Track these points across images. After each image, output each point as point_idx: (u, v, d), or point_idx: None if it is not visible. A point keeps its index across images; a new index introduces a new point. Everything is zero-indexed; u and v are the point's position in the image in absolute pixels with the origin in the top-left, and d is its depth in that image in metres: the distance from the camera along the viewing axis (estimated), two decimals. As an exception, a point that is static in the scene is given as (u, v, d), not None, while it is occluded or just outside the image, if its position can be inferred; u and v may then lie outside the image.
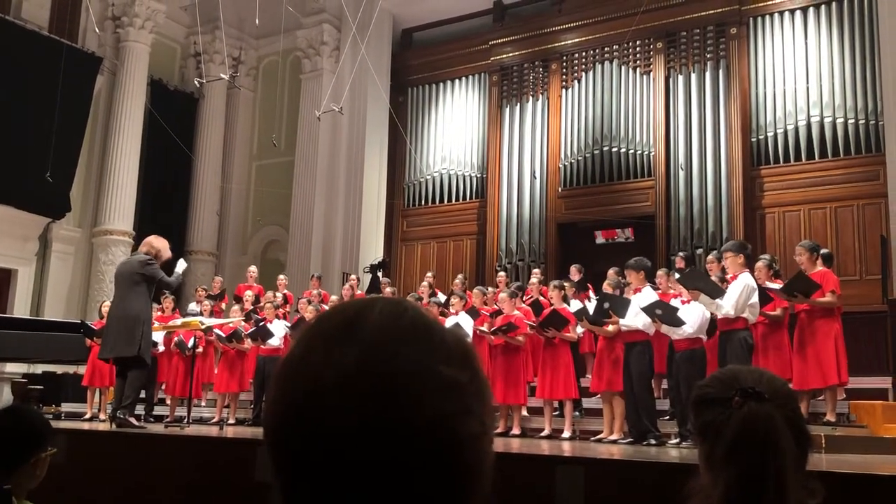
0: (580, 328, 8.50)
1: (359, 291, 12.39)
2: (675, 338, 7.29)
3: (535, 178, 14.33)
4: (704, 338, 7.18)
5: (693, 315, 7.15)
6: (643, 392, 7.38)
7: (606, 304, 7.65)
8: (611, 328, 7.66)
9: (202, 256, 16.49)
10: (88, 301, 14.55)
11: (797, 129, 12.24)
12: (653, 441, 7.12)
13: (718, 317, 6.97)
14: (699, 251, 12.13)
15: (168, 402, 10.62)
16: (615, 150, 13.52)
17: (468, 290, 10.62)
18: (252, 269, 12.89)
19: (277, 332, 10.06)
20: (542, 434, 8.25)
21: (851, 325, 8.71)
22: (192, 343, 9.68)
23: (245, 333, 10.11)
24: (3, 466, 2.32)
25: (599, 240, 13.71)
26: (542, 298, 9.51)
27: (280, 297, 11.58)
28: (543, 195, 14.18)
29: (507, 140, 14.80)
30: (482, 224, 14.92)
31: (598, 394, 8.00)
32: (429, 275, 12.48)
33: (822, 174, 12.01)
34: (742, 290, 6.84)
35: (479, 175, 15.23)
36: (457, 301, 9.60)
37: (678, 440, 6.99)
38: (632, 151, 13.42)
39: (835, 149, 11.96)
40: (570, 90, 14.38)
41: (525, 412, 8.82)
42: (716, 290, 6.95)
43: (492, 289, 10.81)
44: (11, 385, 11.69)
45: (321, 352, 0.71)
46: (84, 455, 5.75)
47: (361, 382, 0.68)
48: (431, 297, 10.73)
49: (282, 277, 12.74)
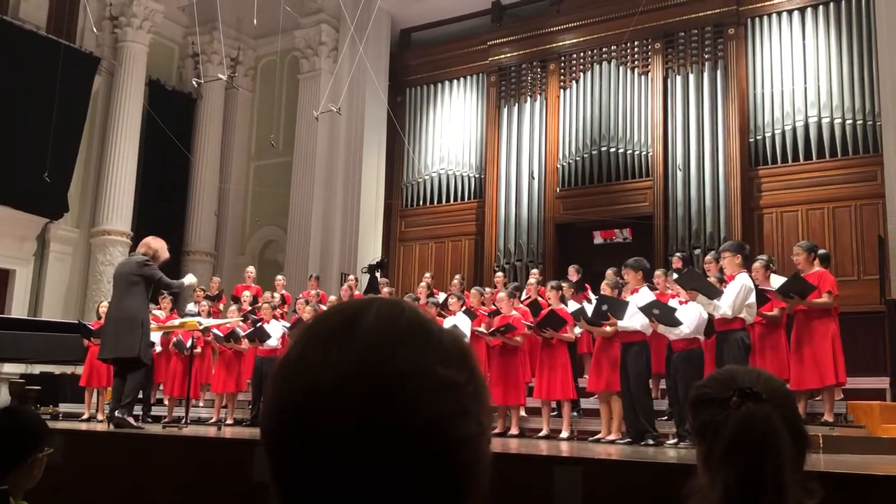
0: (578, 328, 8.50)
1: (357, 292, 12.38)
2: (672, 338, 7.30)
3: (534, 179, 14.33)
4: (702, 338, 7.18)
5: (690, 315, 7.15)
6: (640, 392, 7.38)
7: (604, 307, 7.65)
8: (608, 329, 7.66)
9: (200, 257, 16.48)
10: (86, 301, 14.54)
11: (795, 130, 12.25)
12: (651, 441, 7.12)
13: (716, 317, 6.97)
14: (697, 251, 12.14)
15: (166, 403, 10.62)
16: (613, 151, 13.53)
17: (466, 291, 10.61)
18: (250, 270, 12.89)
19: (275, 333, 10.05)
20: (540, 434, 8.25)
21: (849, 326, 8.72)
22: (191, 343, 9.67)
23: (242, 334, 10.11)
24: (0, 467, 2.31)
25: (597, 240, 13.71)
26: (541, 299, 9.51)
27: (278, 298, 11.57)
28: (541, 195, 14.18)
29: (506, 140, 14.80)
30: (480, 224, 14.93)
31: (596, 394, 8.00)
32: (427, 275, 12.47)
33: (820, 175, 12.02)
34: (739, 291, 6.85)
35: (478, 175, 15.23)
36: (454, 301, 9.60)
37: (676, 440, 6.99)
38: (630, 152, 13.43)
39: (832, 149, 11.97)
40: (569, 90, 14.38)
41: (523, 412, 8.82)
42: (713, 291, 6.95)
43: (489, 289, 10.81)
44: (9, 385, 11.70)
45: (319, 352, 0.71)
46: (82, 455, 5.74)
47: (359, 383, 0.68)
48: (429, 298, 10.73)
49: (280, 278, 12.74)
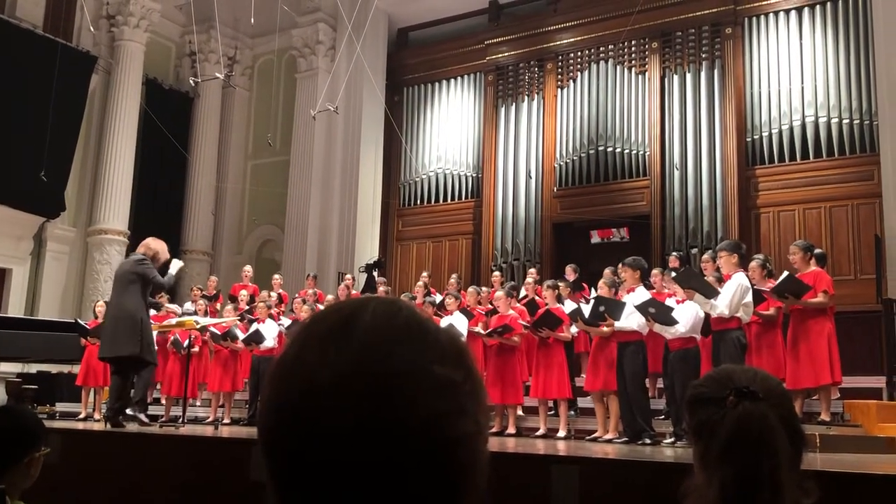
0: (574, 328, 8.51)
1: (354, 291, 12.38)
2: (668, 337, 7.31)
3: (531, 178, 14.33)
4: (698, 337, 7.19)
5: (686, 314, 7.15)
6: (637, 391, 7.39)
7: (602, 307, 7.66)
8: (605, 329, 7.67)
9: (197, 256, 16.47)
10: (83, 300, 14.52)
11: (792, 129, 12.26)
12: (647, 440, 7.13)
13: (713, 316, 6.98)
14: (694, 251, 12.16)
15: (163, 402, 10.61)
16: (610, 150, 13.54)
17: (463, 290, 10.61)
18: (247, 269, 12.88)
19: (270, 333, 10.04)
20: (538, 433, 8.25)
21: (846, 325, 8.74)
22: (188, 343, 9.67)
23: (241, 339, 10.09)
24: (-2, 466, 2.31)
25: (595, 239, 13.72)
26: (538, 298, 9.51)
27: (275, 297, 11.57)
28: (539, 195, 14.19)
29: (503, 140, 14.80)
30: (478, 224, 14.93)
31: (592, 393, 8.00)
32: (424, 274, 12.46)
33: (817, 174, 12.03)
34: (736, 290, 6.85)
35: (475, 175, 15.23)
36: (451, 301, 9.60)
37: (673, 439, 7.00)
38: (627, 151, 13.44)
39: (829, 149, 11.99)
40: (566, 90, 14.39)
41: (520, 412, 8.83)
42: (710, 290, 6.96)
43: (486, 288, 10.81)
44: (6, 384, 11.68)
45: (316, 352, 0.71)
46: (78, 455, 5.74)
47: (356, 382, 0.68)
48: (426, 297, 10.72)
49: (277, 277, 12.73)
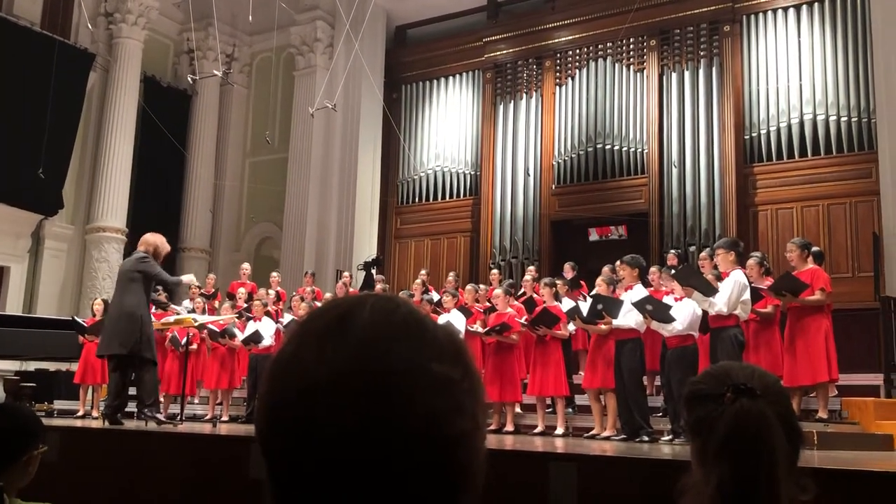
0: (572, 326, 8.52)
1: (352, 289, 12.38)
2: (666, 335, 7.31)
3: (529, 176, 14.33)
4: (696, 335, 7.20)
5: (684, 312, 7.16)
6: (634, 389, 7.40)
7: (599, 306, 7.67)
8: (603, 327, 7.67)
9: (195, 254, 16.45)
10: (81, 298, 14.51)
11: (790, 127, 12.26)
12: (645, 438, 7.14)
13: (711, 314, 6.99)
14: (692, 248, 12.16)
15: (162, 400, 10.59)
16: (609, 148, 13.54)
17: (460, 288, 10.62)
18: (245, 267, 12.86)
19: (268, 331, 10.03)
20: (536, 431, 8.26)
21: (843, 323, 8.74)
22: (186, 340, 9.66)
23: (240, 338, 10.08)
24: (-4, 464, 2.31)
25: (593, 237, 13.72)
26: (536, 296, 9.51)
27: (273, 295, 11.56)
28: (537, 192, 14.19)
29: (501, 137, 14.80)
30: (476, 221, 14.92)
31: (590, 391, 8.01)
32: (423, 272, 12.46)
33: (815, 172, 12.03)
34: (734, 288, 6.86)
35: (473, 172, 15.23)
36: (449, 299, 9.61)
37: (671, 437, 7.01)
38: (625, 149, 13.44)
39: (827, 146, 11.99)
40: (564, 87, 14.38)
41: (518, 409, 8.84)
42: (709, 288, 6.96)
43: (484, 286, 10.82)
44: (4, 382, 11.65)
45: (313, 349, 0.70)
46: (77, 453, 5.74)
47: (354, 380, 0.68)
48: (424, 295, 10.73)
49: (275, 275, 12.71)
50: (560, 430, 8.12)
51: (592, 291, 8.96)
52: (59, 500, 2.43)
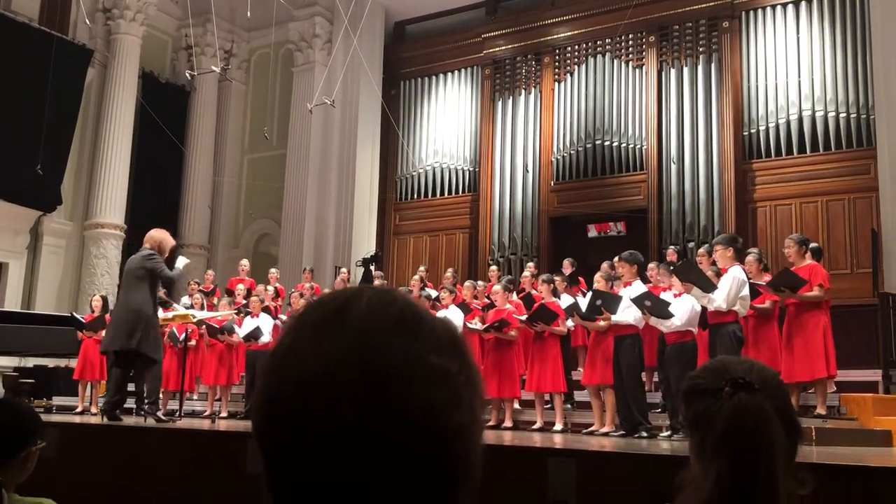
0: (571, 322, 8.52)
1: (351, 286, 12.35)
2: (664, 330, 7.31)
3: (528, 172, 14.33)
4: (695, 330, 7.20)
5: (682, 308, 7.16)
6: (633, 385, 7.40)
7: (598, 301, 7.67)
8: (602, 324, 7.67)
9: (194, 250, 16.42)
10: (80, 294, 14.50)
11: (789, 123, 12.26)
12: (644, 434, 7.14)
13: (710, 310, 6.99)
14: (691, 245, 12.16)
15: (160, 396, 10.58)
16: (607, 144, 13.53)
17: (458, 285, 10.61)
18: (244, 263, 12.85)
19: (265, 327, 10.02)
20: (534, 427, 8.27)
21: (842, 319, 8.75)
22: (184, 336, 9.66)
23: (241, 336, 10.06)
24: (-6, 459, 2.31)
25: (592, 233, 13.72)
26: (535, 292, 9.51)
27: (272, 291, 11.55)
28: (536, 189, 14.18)
29: (500, 133, 14.79)
30: (475, 218, 14.92)
31: (589, 387, 8.01)
32: (421, 269, 12.46)
33: (814, 168, 12.03)
34: (732, 284, 6.86)
35: (472, 169, 15.22)
36: (446, 295, 9.60)
37: (669, 433, 7.01)
38: (624, 145, 13.44)
39: (826, 143, 11.99)
40: (563, 84, 14.37)
41: (517, 405, 8.84)
42: (708, 284, 6.96)
43: (482, 282, 10.81)
44: (2, 378, 11.67)
45: (310, 341, 0.70)
46: (76, 449, 5.74)
47: (351, 372, 0.67)
48: (422, 292, 10.72)
49: (273, 271, 12.70)
50: (559, 427, 8.12)
51: (591, 288, 8.97)
52: (58, 496, 2.43)
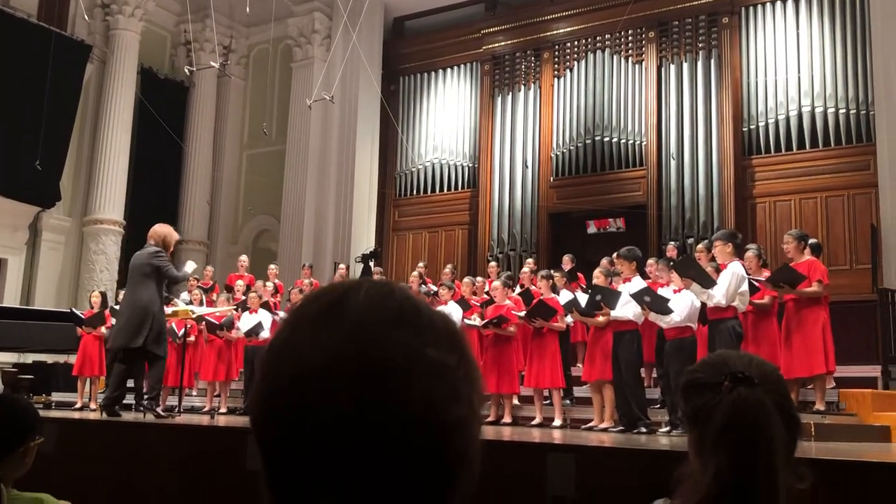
0: (570, 318, 8.52)
1: (350, 281, 12.33)
2: (664, 326, 7.32)
3: (527, 168, 14.32)
4: (694, 326, 7.20)
5: (682, 304, 7.16)
6: (632, 380, 7.41)
7: (598, 297, 7.67)
8: (601, 319, 7.68)
9: (193, 246, 16.41)
10: (79, 290, 14.49)
11: (788, 119, 12.25)
12: (643, 429, 7.15)
13: (709, 305, 6.99)
14: (690, 241, 12.16)
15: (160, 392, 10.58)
16: (607, 140, 13.52)
17: (457, 280, 10.61)
18: (243, 259, 12.84)
19: (264, 323, 10.00)
20: (533, 423, 8.27)
21: (841, 315, 8.75)
22: (183, 332, 9.65)
23: (243, 331, 10.04)
24: (-8, 455, 2.31)
25: (591, 229, 13.72)
26: (534, 288, 9.51)
27: (270, 287, 11.55)
28: (535, 185, 14.18)
29: (499, 129, 14.78)
30: (474, 214, 14.91)
31: (588, 383, 8.02)
32: (420, 265, 12.46)
33: (813, 164, 12.03)
34: (732, 279, 6.86)
35: (471, 164, 15.21)
36: (445, 291, 9.59)
37: (668, 428, 7.02)
38: (623, 141, 13.43)
39: (826, 138, 11.98)
40: (562, 79, 14.36)
41: (516, 401, 8.84)
42: (707, 280, 6.96)
43: (481, 278, 10.81)
44: (1, 374, 11.65)
45: (307, 334, 0.69)
46: (74, 444, 5.74)
47: (349, 365, 0.67)
48: (421, 287, 10.72)
49: (273, 267, 12.70)
50: (558, 422, 8.13)
51: (590, 284, 8.97)
52: (56, 492, 2.43)
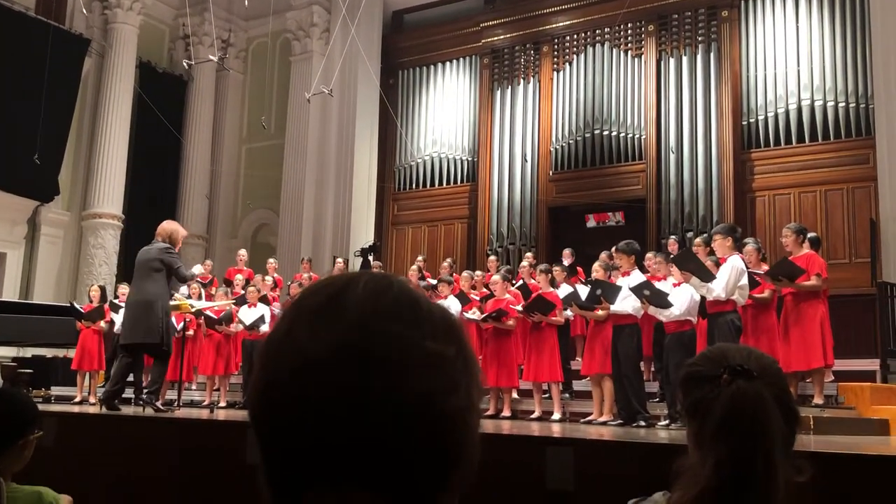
0: (569, 312, 8.52)
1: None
2: (663, 320, 7.32)
3: (527, 162, 14.31)
4: (694, 320, 7.20)
5: (681, 297, 7.16)
6: (631, 374, 7.41)
7: (599, 291, 7.67)
8: (601, 313, 7.68)
9: (192, 240, 16.36)
10: (78, 284, 14.49)
11: (788, 113, 12.25)
12: (642, 423, 7.15)
13: (708, 299, 6.99)
14: (689, 234, 12.16)
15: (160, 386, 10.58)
16: (606, 134, 13.51)
17: (456, 274, 10.60)
18: (242, 253, 12.82)
19: (265, 316, 9.99)
20: (532, 416, 8.28)
21: (841, 308, 8.77)
22: (182, 326, 9.65)
23: (246, 324, 10.03)
24: (-8, 448, 2.31)
25: (590, 223, 13.72)
26: (532, 282, 9.51)
27: (270, 281, 11.54)
28: (534, 178, 14.17)
29: (499, 123, 14.77)
30: (473, 208, 14.91)
31: (588, 376, 8.03)
32: (419, 258, 12.46)
33: (813, 157, 12.03)
34: (731, 273, 6.86)
35: (470, 158, 15.20)
36: (444, 286, 9.59)
37: (667, 422, 7.03)
38: (623, 135, 13.42)
39: (825, 132, 11.98)
40: (562, 73, 14.34)
41: (515, 394, 8.85)
42: (707, 274, 6.96)
43: (480, 272, 10.81)
44: (1, 368, 11.66)
45: (306, 327, 0.69)
46: (74, 438, 5.74)
47: (348, 358, 0.66)
48: (420, 282, 10.71)
49: (272, 261, 12.68)
50: (557, 416, 8.14)
51: (590, 278, 8.97)
52: (55, 485, 2.44)
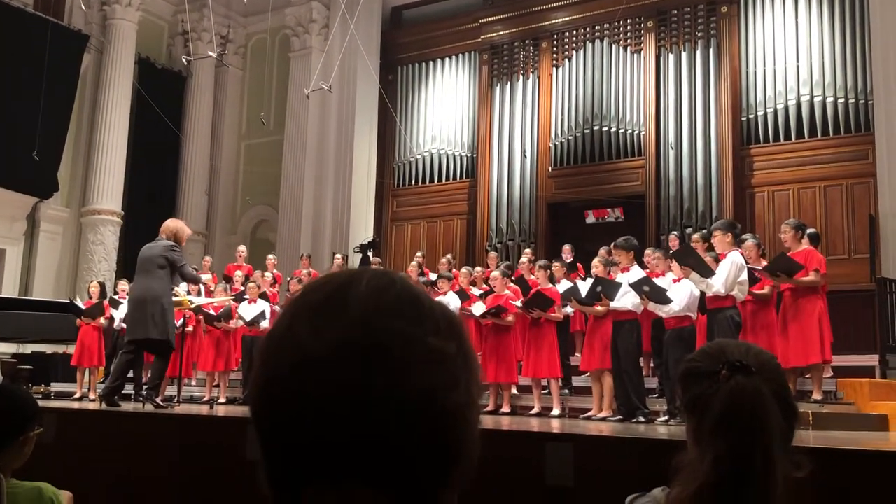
0: (569, 308, 8.53)
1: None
2: (663, 316, 7.33)
3: (526, 158, 14.31)
4: (693, 316, 7.21)
5: (681, 293, 7.17)
6: (631, 370, 7.42)
7: (599, 288, 7.68)
8: (600, 309, 7.69)
9: (192, 237, 16.20)
10: (77, 281, 14.49)
11: (787, 109, 12.24)
12: (641, 419, 7.16)
13: (708, 295, 6.99)
14: (689, 230, 12.15)
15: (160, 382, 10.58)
16: (605, 130, 13.51)
17: (455, 270, 10.60)
18: (241, 249, 12.82)
19: (265, 312, 9.98)
20: (532, 412, 8.29)
21: (840, 304, 8.77)
22: (182, 322, 9.64)
23: (246, 322, 10.02)
24: (-8, 445, 2.31)
25: (590, 219, 13.72)
26: (531, 277, 9.51)
27: (269, 277, 11.54)
28: (534, 174, 14.16)
29: (498, 119, 14.76)
30: (472, 204, 14.90)
31: (588, 372, 8.04)
32: (418, 254, 12.46)
33: (812, 153, 12.03)
34: (731, 269, 6.86)
35: (470, 154, 15.19)
36: (443, 282, 9.59)
37: (667, 418, 7.04)
38: (622, 130, 13.41)
39: (824, 128, 11.97)
40: (561, 69, 14.33)
41: (514, 390, 8.86)
42: (706, 269, 6.96)
43: (479, 268, 10.81)
44: (1, 365, 11.66)
45: (307, 324, 0.69)
46: (73, 434, 5.74)
47: (349, 354, 0.67)
48: (420, 278, 10.72)
49: (271, 257, 12.69)
50: (556, 412, 8.15)
51: (589, 274, 8.97)
52: (55, 481, 2.44)
